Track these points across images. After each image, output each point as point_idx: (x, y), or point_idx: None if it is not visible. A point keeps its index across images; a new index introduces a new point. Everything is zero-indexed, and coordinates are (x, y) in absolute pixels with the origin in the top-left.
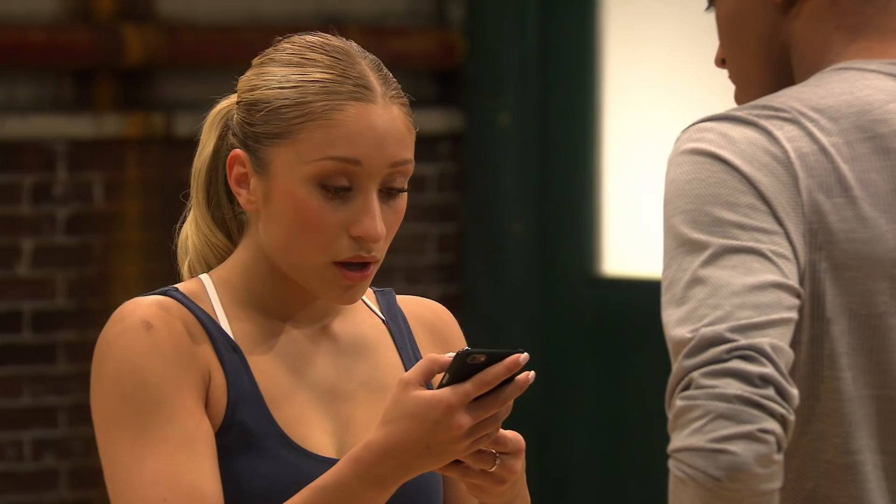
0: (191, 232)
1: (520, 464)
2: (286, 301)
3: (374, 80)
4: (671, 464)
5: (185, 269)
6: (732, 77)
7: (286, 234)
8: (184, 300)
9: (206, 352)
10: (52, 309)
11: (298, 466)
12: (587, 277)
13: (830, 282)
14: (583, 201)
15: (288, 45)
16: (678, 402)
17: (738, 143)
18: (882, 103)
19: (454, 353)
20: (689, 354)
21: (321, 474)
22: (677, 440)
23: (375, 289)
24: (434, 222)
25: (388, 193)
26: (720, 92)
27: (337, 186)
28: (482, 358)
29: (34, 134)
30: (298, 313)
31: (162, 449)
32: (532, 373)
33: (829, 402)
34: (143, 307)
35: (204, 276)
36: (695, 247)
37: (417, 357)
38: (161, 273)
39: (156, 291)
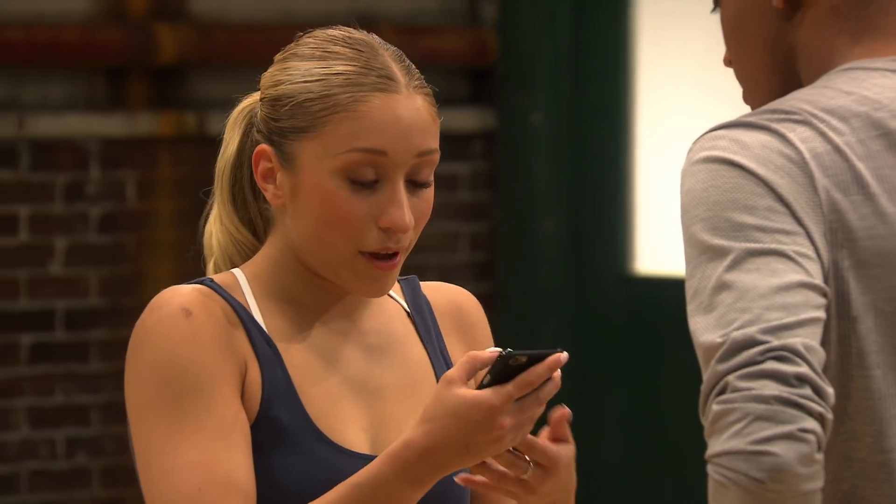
0: (215, 230)
1: (550, 482)
2: (316, 295)
3: (396, 70)
4: (711, 469)
5: (210, 268)
6: (739, 79)
7: (314, 227)
8: (220, 290)
9: (243, 343)
10: (84, 307)
11: (332, 462)
12: (619, 276)
13: (854, 280)
14: (615, 200)
15: (310, 40)
16: (715, 407)
17: (752, 148)
18: (891, 100)
19: (496, 352)
20: (722, 359)
21: (354, 470)
22: (716, 445)
23: (399, 278)
24: (466, 221)
25: (415, 185)
26: None
27: (364, 179)
28: (523, 359)
29: (67, 133)
30: (329, 308)
31: (198, 437)
32: (564, 354)
33: (860, 401)
34: (182, 295)
35: (236, 271)
36: (717, 253)
37: (442, 349)
38: (193, 271)
39: (192, 281)
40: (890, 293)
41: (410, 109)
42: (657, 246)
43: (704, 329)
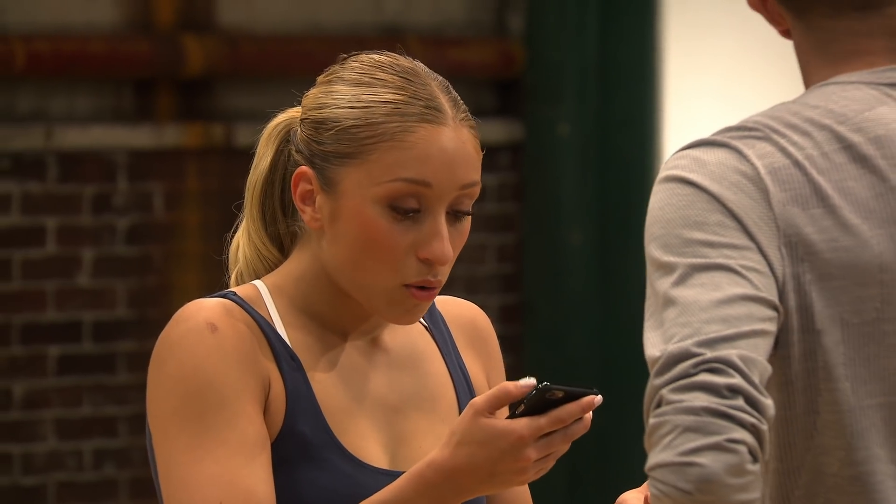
0: (243, 243)
1: None
2: (341, 314)
3: (444, 102)
4: (648, 483)
5: (233, 279)
6: None
7: (353, 253)
8: (244, 304)
9: (267, 358)
10: (112, 319)
11: (355, 478)
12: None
13: (817, 293)
14: (642, 211)
15: (356, 64)
16: (651, 420)
17: (709, 165)
18: (857, 112)
19: (528, 386)
20: (659, 373)
21: (376, 485)
22: (651, 458)
23: None
24: (494, 233)
25: (454, 216)
26: (779, 102)
27: (406, 208)
28: (560, 394)
29: (95, 144)
30: (351, 325)
31: (221, 451)
32: (599, 397)
33: (828, 415)
34: (207, 309)
35: (258, 283)
36: (667, 270)
37: (460, 362)
38: (221, 283)
39: (215, 294)
40: (856, 304)
41: (456, 142)
42: None
43: (651, 345)
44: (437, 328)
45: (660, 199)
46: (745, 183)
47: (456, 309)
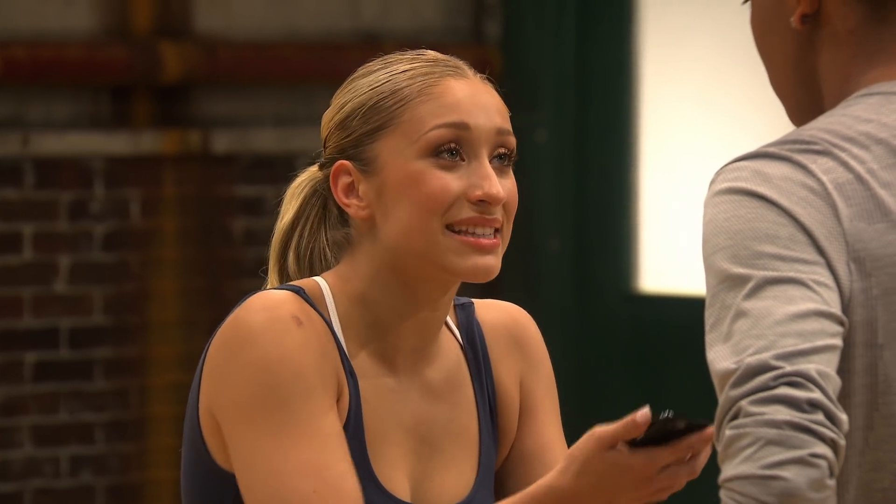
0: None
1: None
2: (399, 314)
3: (461, 63)
4: (722, 494)
5: None
6: (771, 85)
7: (408, 217)
8: (314, 305)
9: (339, 365)
10: (89, 325)
11: None
12: (624, 294)
13: (882, 307)
14: (619, 218)
15: (366, 64)
16: (727, 432)
17: (774, 179)
18: None
19: (649, 415)
20: (736, 384)
21: None
22: (728, 469)
23: (456, 301)
24: None
25: (497, 168)
26: (757, 108)
27: (450, 150)
28: (682, 425)
29: (71, 151)
30: (405, 339)
31: (310, 441)
32: (711, 428)
33: (884, 429)
34: (288, 302)
35: (321, 281)
36: (736, 281)
37: (490, 387)
38: (198, 289)
39: (282, 287)
40: None
41: (482, 91)
42: (661, 264)
43: (721, 357)
44: (473, 345)
45: (724, 209)
46: (814, 198)
47: (494, 314)
